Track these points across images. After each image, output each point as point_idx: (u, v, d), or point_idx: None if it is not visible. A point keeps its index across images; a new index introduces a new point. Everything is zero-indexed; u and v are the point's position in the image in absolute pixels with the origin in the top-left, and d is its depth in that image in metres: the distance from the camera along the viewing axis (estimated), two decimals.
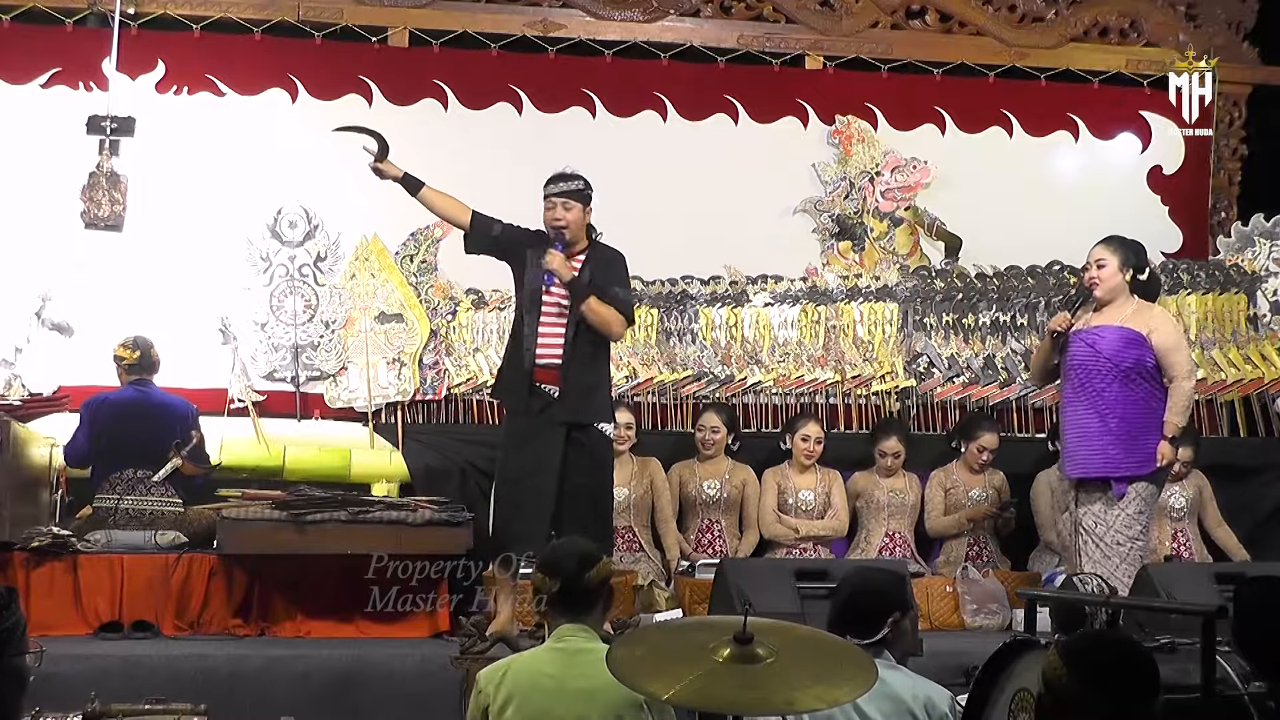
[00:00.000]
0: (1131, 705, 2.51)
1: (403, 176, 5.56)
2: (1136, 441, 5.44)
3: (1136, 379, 5.48)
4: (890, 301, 7.42)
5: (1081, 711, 2.50)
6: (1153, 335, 5.49)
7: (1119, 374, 5.47)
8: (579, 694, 3.30)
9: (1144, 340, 5.48)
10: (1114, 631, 3.03)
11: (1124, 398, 5.47)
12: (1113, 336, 5.52)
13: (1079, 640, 2.63)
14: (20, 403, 6.44)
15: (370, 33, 7.50)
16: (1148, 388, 5.49)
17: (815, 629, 3.23)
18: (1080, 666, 2.54)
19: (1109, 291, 5.59)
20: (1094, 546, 5.47)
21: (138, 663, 5.14)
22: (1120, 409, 5.46)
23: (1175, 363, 5.48)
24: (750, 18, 7.89)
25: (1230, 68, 8.02)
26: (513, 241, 5.51)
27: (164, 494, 6.00)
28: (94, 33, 7.08)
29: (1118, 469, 5.45)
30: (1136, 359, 5.47)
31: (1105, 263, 5.60)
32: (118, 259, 6.83)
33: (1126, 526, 5.43)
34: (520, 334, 5.46)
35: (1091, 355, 5.54)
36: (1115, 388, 5.48)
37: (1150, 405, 5.48)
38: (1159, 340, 5.49)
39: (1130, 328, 5.51)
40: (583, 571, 3.46)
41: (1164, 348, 5.49)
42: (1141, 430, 5.45)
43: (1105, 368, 5.49)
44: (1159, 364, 5.49)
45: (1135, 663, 2.60)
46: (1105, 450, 5.46)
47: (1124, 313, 5.57)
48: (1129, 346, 5.49)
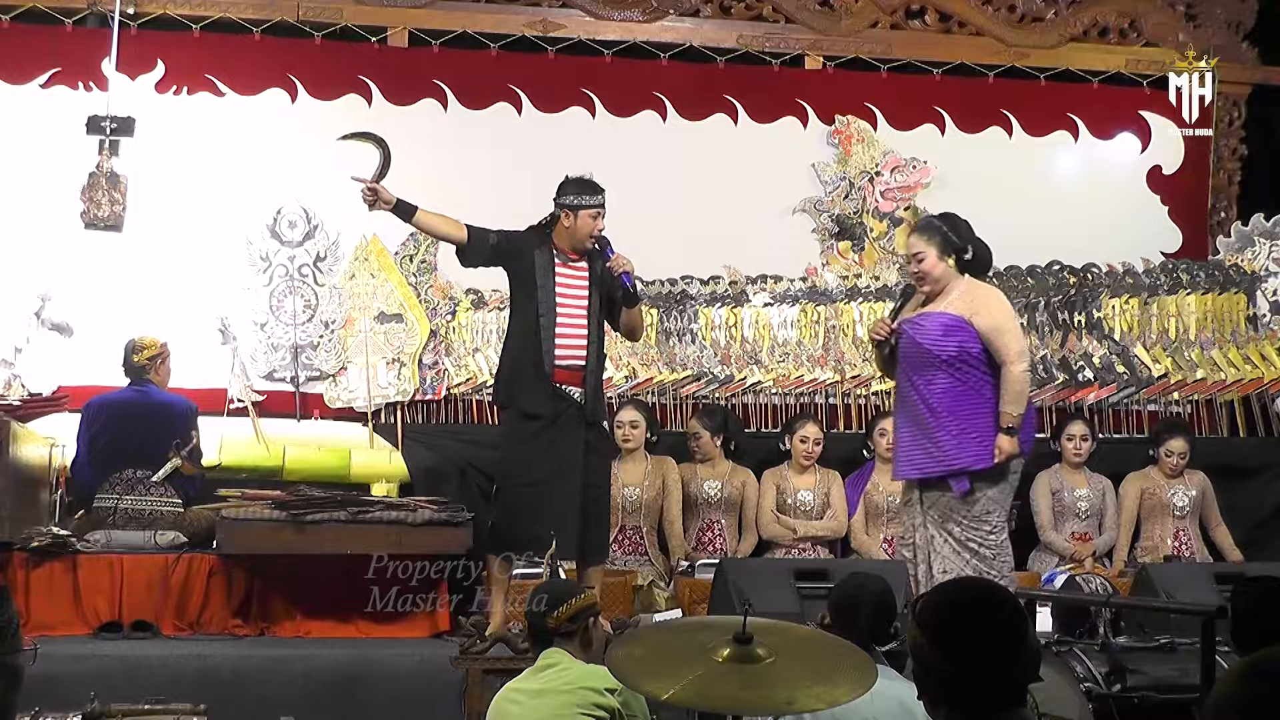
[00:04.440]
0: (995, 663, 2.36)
1: (395, 204, 5.38)
2: (968, 434, 4.98)
3: (963, 367, 5.00)
4: (890, 301, 7.42)
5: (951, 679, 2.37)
6: (975, 319, 5.00)
7: (942, 364, 5.01)
8: (542, 699, 3.61)
9: (965, 325, 5.00)
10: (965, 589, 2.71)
11: (951, 388, 5.00)
12: (931, 325, 5.06)
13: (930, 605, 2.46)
14: (20, 403, 6.44)
15: (370, 33, 7.50)
16: (979, 375, 5.01)
17: (815, 629, 3.23)
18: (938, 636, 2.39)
19: (935, 282, 5.10)
20: (943, 543, 5.03)
21: (138, 663, 5.15)
22: (948, 401, 5.00)
23: (1002, 346, 4.98)
24: (750, 18, 7.89)
25: (1230, 68, 8.02)
26: (514, 246, 5.43)
27: (164, 494, 6.01)
28: (94, 33, 7.08)
29: (952, 464, 4.98)
30: (958, 345, 5.00)
31: (923, 255, 5.12)
32: (118, 259, 6.83)
33: (974, 527, 4.99)
34: (532, 336, 5.30)
35: (913, 347, 5.09)
36: (941, 378, 5.02)
37: (984, 394, 5.00)
38: (982, 323, 5.00)
39: (951, 313, 5.04)
40: (546, 616, 3.77)
41: (988, 330, 5.00)
42: (974, 422, 4.99)
43: (928, 359, 5.04)
44: (988, 349, 5.01)
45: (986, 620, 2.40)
46: (939, 446, 5.00)
47: (949, 298, 5.09)
48: (949, 333, 5.02)
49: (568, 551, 5.19)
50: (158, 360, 6.30)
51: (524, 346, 5.34)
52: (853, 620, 3.54)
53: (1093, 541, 6.69)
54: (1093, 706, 3.99)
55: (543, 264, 5.35)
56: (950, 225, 5.19)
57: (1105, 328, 7.55)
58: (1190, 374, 7.47)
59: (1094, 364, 7.46)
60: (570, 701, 3.56)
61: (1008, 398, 4.95)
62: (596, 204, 5.36)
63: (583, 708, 3.55)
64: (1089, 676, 4.18)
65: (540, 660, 3.75)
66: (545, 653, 3.75)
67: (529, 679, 3.72)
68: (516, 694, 3.69)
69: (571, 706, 3.55)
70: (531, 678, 3.72)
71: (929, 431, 5.02)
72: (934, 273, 5.10)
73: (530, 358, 5.30)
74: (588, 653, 3.76)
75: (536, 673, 3.72)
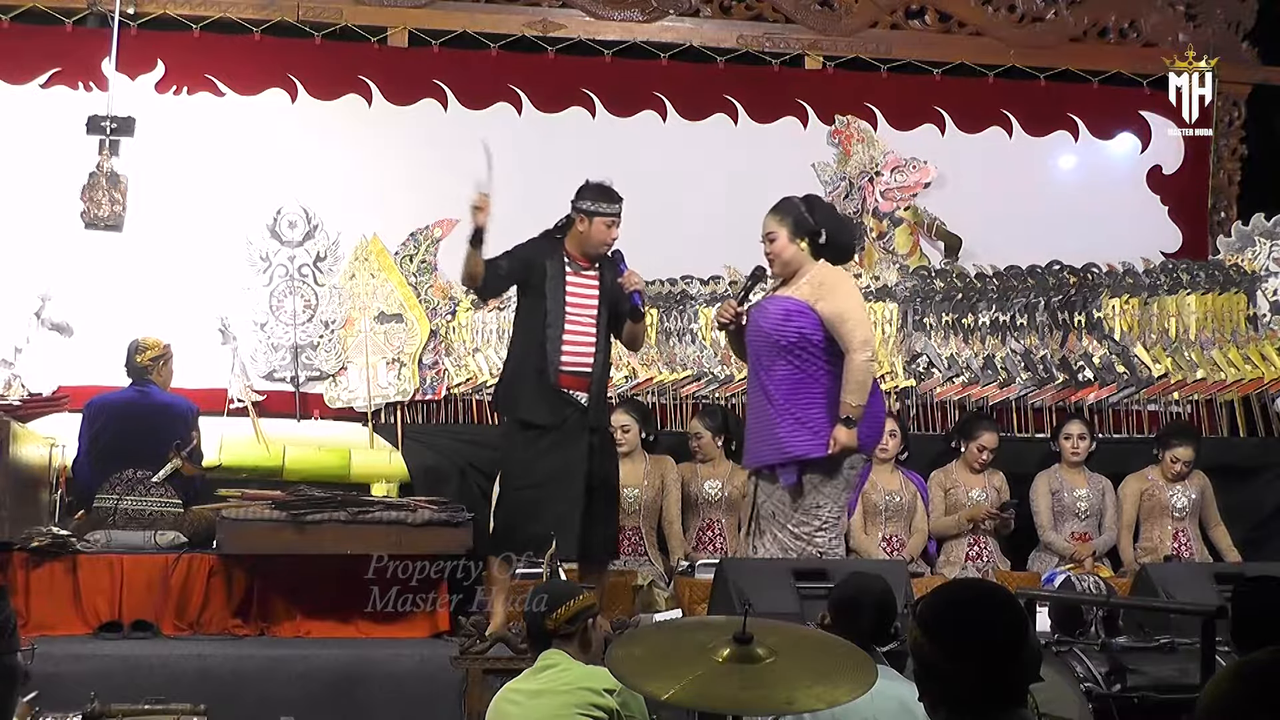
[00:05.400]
0: (996, 663, 2.36)
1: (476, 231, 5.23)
2: (803, 424, 4.80)
3: (803, 354, 4.83)
4: (890, 301, 7.42)
5: (952, 679, 2.36)
6: (819, 304, 4.81)
7: (780, 350, 4.84)
8: (540, 700, 3.61)
9: (808, 310, 4.82)
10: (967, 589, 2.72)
11: (790, 376, 4.84)
12: (773, 310, 4.90)
13: (932, 606, 2.46)
14: (20, 403, 6.45)
15: (370, 33, 7.50)
16: (819, 364, 4.84)
17: (816, 629, 3.23)
18: (939, 637, 2.39)
19: (785, 265, 4.94)
20: (771, 540, 4.91)
21: (138, 663, 5.15)
22: (786, 389, 4.83)
23: (845, 333, 4.79)
24: (750, 18, 7.89)
25: (1230, 68, 8.01)
26: (523, 262, 5.36)
27: (164, 494, 6.01)
28: (94, 33, 7.08)
29: (785, 454, 4.83)
30: (798, 331, 4.82)
31: (775, 235, 4.94)
32: (118, 259, 6.83)
33: (803, 521, 4.84)
34: (536, 344, 5.28)
35: (756, 332, 4.94)
36: (781, 365, 4.85)
37: (823, 383, 4.82)
38: (826, 309, 4.80)
39: (795, 297, 4.87)
40: (544, 617, 3.76)
41: (831, 317, 4.81)
42: (810, 412, 4.81)
43: (768, 345, 4.88)
44: (832, 336, 4.83)
45: (988, 620, 2.40)
46: (774, 435, 4.85)
47: (799, 283, 4.91)
48: (789, 319, 4.85)
49: (568, 552, 5.19)
50: (160, 361, 6.31)
51: (527, 353, 5.33)
52: (853, 620, 3.53)
53: (1092, 541, 6.68)
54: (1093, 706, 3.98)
55: (554, 273, 5.32)
56: (808, 206, 5.01)
57: (1105, 328, 7.55)
58: (1190, 374, 7.47)
59: (1094, 364, 7.46)
60: (569, 702, 3.56)
61: (848, 387, 4.76)
62: (613, 213, 5.34)
63: (581, 708, 3.55)
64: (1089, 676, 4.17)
65: (539, 661, 3.75)
66: (544, 653, 3.75)
67: (528, 679, 3.72)
68: (515, 694, 3.70)
69: (570, 707, 3.55)
70: (530, 678, 3.72)
71: (768, 420, 4.86)
72: (783, 255, 4.94)
73: (534, 364, 5.29)
74: (586, 653, 3.76)
75: (535, 673, 3.72)
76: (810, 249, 4.93)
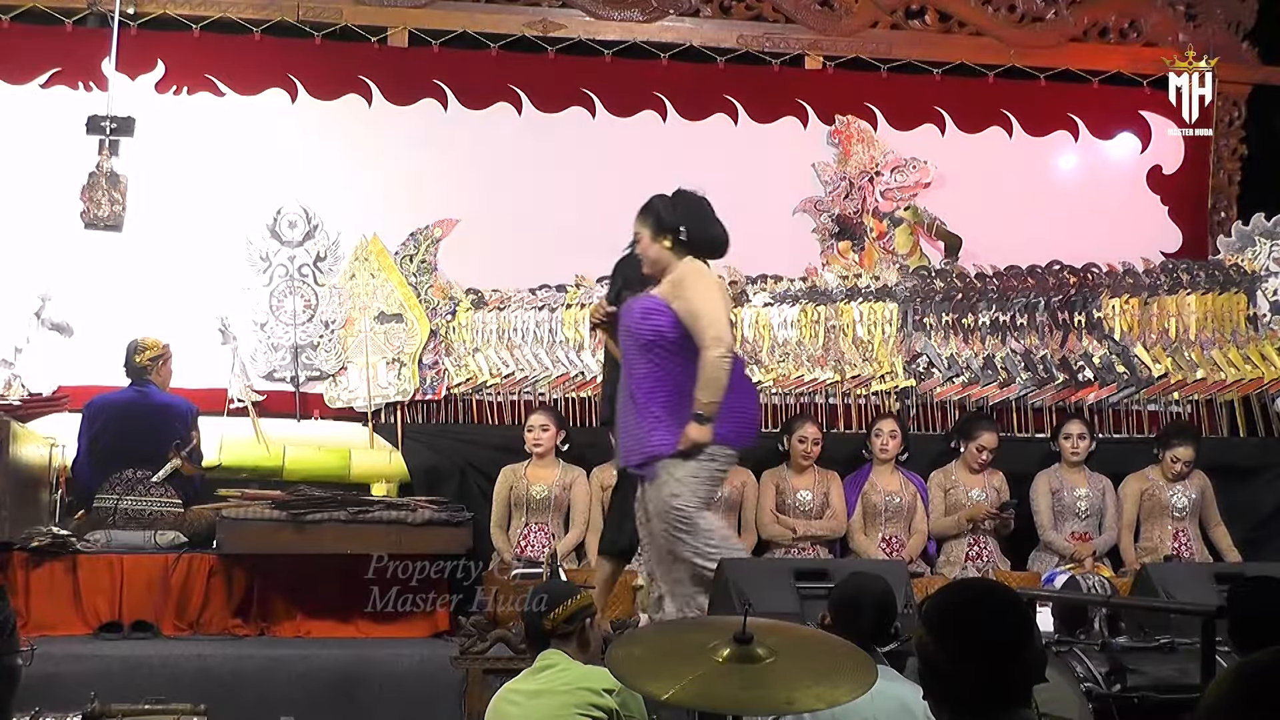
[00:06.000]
0: (998, 663, 2.36)
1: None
2: (661, 423, 4.76)
3: (661, 353, 4.79)
4: (890, 301, 7.42)
5: (955, 679, 2.36)
6: (675, 302, 4.78)
7: (641, 348, 4.82)
8: (539, 700, 3.62)
9: (665, 308, 4.79)
10: (971, 589, 2.72)
11: (650, 374, 4.81)
12: (636, 308, 4.89)
13: (936, 605, 2.46)
14: (20, 403, 6.45)
15: (370, 33, 7.50)
16: (677, 363, 4.79)
17: (816, 629, 3.23)
18: (943, 636, 2.39)
19: (654, 264, 4.90)
20: (646, 537, 4.91)
21: (138, 663, 5.15)
22: (647, 386, 4.82)
23: (698, 330, 4.72)
24: (750, 18, 7.89)
25: (1230, 67, 8.01)
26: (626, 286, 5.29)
27: (164, 494, 6.01)
28: (94, 33, 7.08)
29: (643, 451, 4.81)
30: (654, 329, 4.79)
31: (639, 236, 4.95)
32: (118, 259, 6.83)
33: (660, 515, 4.77)
34: None
35: (624, 332, 4.93)
36: (641, 363, 4.83)
37: (676, 380, 4.79)
38: (680, 306, 4.77)
39: (655, 295, 4.86)
40: (543, 617, 3.76)
41: (685, 314, 4.76)
42: (668, 410, 4.77)
43: (631, 344, 4.88)
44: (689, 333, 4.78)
45: (991, 620, 2.40)
46: (636, 433, 4.84)
47: (664, 281, 4.89)
48: (647, 317, 4.82)
49: (609, 548, 5.34)
50: (159, 361, 6.31)
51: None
52: (853, 620, 3.53)
53: (1092, 541, 6.68)
54: (1093, 706, 3.98)
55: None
56: (669, 204, 4.95)
57: (1105, 328, 7.55)
58: (1190, 374, 7.47)
59: (1094, 364, 7.46)
60: (568, 702, 3.56)
61: (700, 383, 4.71)
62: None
63: (580, 708, 3.55)
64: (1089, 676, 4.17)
65: (538, 661, 3.75)
66: (543, 653, 3.75)
67: (527, 679, 3.73)
68: (515, 694, 3.70)
69: (569, 707, 3.55)
70: (530, 678, 3.72)
71: (632, 420, 4.86)
72: (649, 254, 4.92)
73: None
74: (585, 653, 3.77)
75: (535, 673, 3.72)
76: (674, 246, 4.89)
